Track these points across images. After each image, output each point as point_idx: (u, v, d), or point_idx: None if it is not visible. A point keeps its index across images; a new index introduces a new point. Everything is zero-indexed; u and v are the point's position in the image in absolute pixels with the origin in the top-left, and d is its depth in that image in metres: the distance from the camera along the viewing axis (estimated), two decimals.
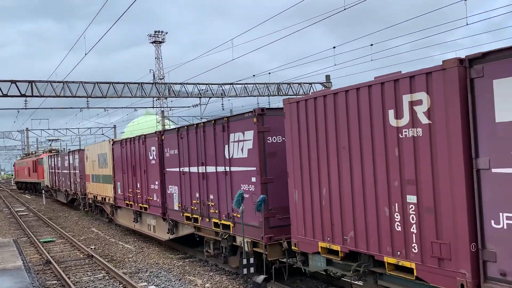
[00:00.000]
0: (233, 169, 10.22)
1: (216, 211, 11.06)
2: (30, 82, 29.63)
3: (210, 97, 36.79)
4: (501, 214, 5.50)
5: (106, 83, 32.33)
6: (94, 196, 25.23)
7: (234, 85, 36.89)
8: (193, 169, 12.06)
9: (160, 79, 53.92)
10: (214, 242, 11.58)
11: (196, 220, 12.27)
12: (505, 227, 5.48)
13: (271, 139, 9.41)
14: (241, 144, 9.85)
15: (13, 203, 45.36)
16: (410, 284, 6.78)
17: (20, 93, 29.67)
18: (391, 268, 6.93)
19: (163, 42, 59.91)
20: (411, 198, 6.50)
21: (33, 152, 69.02)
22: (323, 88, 40.38)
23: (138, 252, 16.89)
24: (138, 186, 17.07)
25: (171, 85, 35.08)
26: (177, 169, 13.09)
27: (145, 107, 46.00)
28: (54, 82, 30.56)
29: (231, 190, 10.37)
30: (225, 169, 10.59)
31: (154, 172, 15.22)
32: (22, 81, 29.50)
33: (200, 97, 36.26)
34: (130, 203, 18.20)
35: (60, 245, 19.75)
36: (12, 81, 29.10)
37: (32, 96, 30.33)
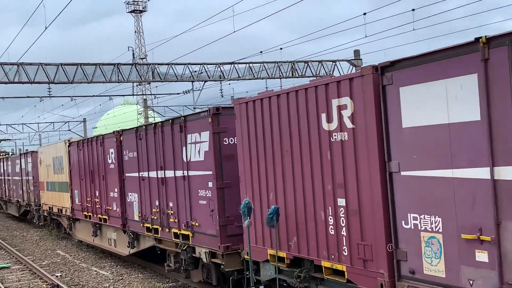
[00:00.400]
0: (191, 173, 13.11)
1: (176, 220, 13.90)
2: None
3: (205, 81, 38.89)
4: (409, 214, 8.10)
5: (72, 64, 34.32)
6: (49, 207, 28.63)
7: (236, 65, 39.11)
8: (152, 174, 15.10)
9: (142, 58, 56.86)
10: (175, 255, 14.38)
11: (156, 231, 15.31)
12: (412, 227, 8.08)
13: (228, 140, 12.15)
14: (198, 146, 12.69)
15: None
16: (343, 287, 9.42)
17: None
18: (328, 273, 9.60)
19: (144, 11, 63.09)
20: (341, 201, 9.15)
21: None
22: (351, 67, 42.33)
23: (116, 280, 18.17)
24: (97, 195, 20.27)
25: (156, 66, 37.14)
26: (137, 174, 16.11)
27: (123, 95, 48.69)
28: (6, 64, 32.75)
29: (189, 196, 13.17)
30: (183, 173, 13.48)
31: (113, 178, 18.39)
32: None
33: (192, 81, 38.50)
34: (89, 214, 21.51)
35: (16, 273, 21.27)
36: None
37: None
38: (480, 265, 7.17)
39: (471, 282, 7.32)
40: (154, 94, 47.43)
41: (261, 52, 37.85)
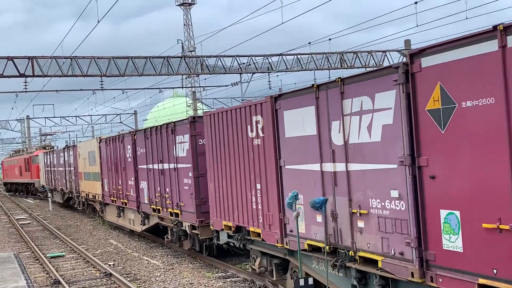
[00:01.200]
0: (179, 166, 20.73)
1: (170, 202, 20.63)
2: (31, 58, 37.04)
3: (253, 73, 43.29)
4: (289, 192, 14.10)
5: (124, 57, 39.54)
6: (86, 194, 39.42)
7: (284, 57, 43.23)
8: (155, 166, 23.13)
9: (191, 51, 62.58)
10: (172, 229, 21.38)
11: (159, 211, 23.03)
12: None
13: (202, 141, 19.10)
14: (182, 145, 20.13)
15: (12, 209, 56.66)
16: (261, 244, 15.60)
17: (19, 72, 36.84)
18: (254, 235, 15.79)
19: (193, 4, 69.51)
20: (258, 186, 15.34)
21: (25, 149, 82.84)
22: (401, 57, 45.12)
23: (167, 270, 21.04)
24: (120, 183, 30.05)
25: (204, 58, 42.01)
26: (145, 166, 25.03)
27: (173, 88, 54.44)
28: (60, 57, 38.05)
29: (178, 183, 20.79)
30: (174, 166, 21.03)
31: (130, 169, 27.88)
32: (20, 57, 36.97)
33: (240, 73, 42.98)
34: (114, 199, 31.40)
35: (71, 261, 24.54)
36: (9, 58, 36.52)
37: (33, 76, 37.52)
38: (319, 224, 13.08)
39: (315, 234, 13.26)
40: (202, 86, 52.91)
41: (309, 43, 41.39)
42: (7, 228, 39.75)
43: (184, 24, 68.79)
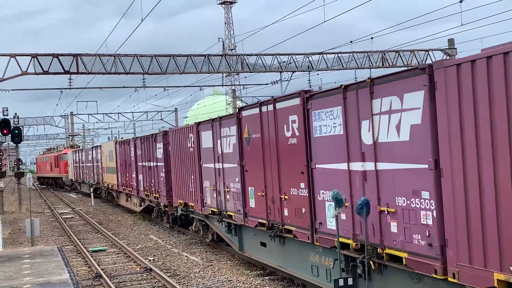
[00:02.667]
0: (158, 164, 30.55)
1: (154, 189, 32.03)
2: (75, 55, 38.36)
3: (293, 71, 43.54)
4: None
5: (165, 56, 40.32)
6: (107, 184, 49.04)
7: (324, 55, 43.51)
8: (145, 164, 33.58)
9: (231, 49, 62.96)
10: (157, 209, 33.26)
11: (148, 195, 33.88)
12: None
13: (169, 148, 28.35)
14: (159, 150, 30.35)
15: (56, 203, 58.21)
16: (195, 213, 23.24)
17: (64, 69, 38.07)
18: (192, 207, 15.92)
19: (234, 2, 69.69)
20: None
21: (55, 147, 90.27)
22: (444, 56, 44.85)
23: (206, 266, 21.24)
24: (127, 176, 39.46)
25: (245, 56, 42.58)
26: (141, 164, 34.79)
27: (213, 85, 54.79)
28: (104, 55, 39.13)
29: (157, 176, 30.95)
30: (156, 164, 31.03)
31: (132, 165, 37.65)
32: (65, 54, 38.25)
33: (280, 72, 43.32)
34: (124, 188, 41.07)
35: (112, 255, 25.24)
36: (54, 55, 37.78)
37: (77, 73, 38.78)
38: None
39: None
40: (242, 85, 53.35)
41: (351, 41, 41.63)
42: (50, 222, 40.68)
43: (225, 23, 69.38)
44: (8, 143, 68.57)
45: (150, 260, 23.12)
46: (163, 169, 29.25)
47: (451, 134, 10.11)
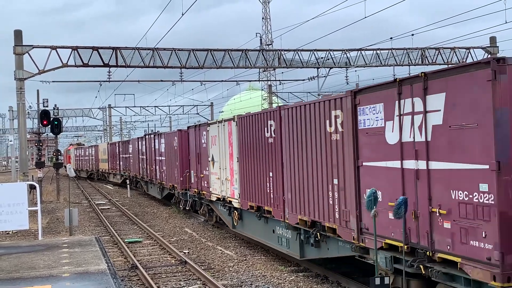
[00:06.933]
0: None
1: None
2: (114, 49, 38.45)
3: (331, 67, 43.17)
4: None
5: (203, 50, 40.10)
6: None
7: (363, 52, 42.86)
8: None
9: (268, 45, 62.69)
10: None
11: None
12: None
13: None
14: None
15: (93, 194, 58.51)
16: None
17: (103, 62, 38.26)
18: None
19: None
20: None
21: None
22: (486, 54, 43.79)
23: (240, 261, 21.15)
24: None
25: (282, 52, 41.96)
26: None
27: (250, 81, 54.58)
28: (142, 49, 39.23)
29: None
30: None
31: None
32: (105, 47, 38.42)
33: (318, 68, 42.99)
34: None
35: (147, 247, 25.37)
36: (94, 48, 37.99)
37: (116, 66, 38.91)
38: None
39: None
40: (279, 80, 52.83)
41: (391, 38, 40.64)
42: (87, 212, 40.93)
43: (263, 18, 69.02)
44: (47, 134, 69.18)
45: (185, 252, 23.08)
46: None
47: None
